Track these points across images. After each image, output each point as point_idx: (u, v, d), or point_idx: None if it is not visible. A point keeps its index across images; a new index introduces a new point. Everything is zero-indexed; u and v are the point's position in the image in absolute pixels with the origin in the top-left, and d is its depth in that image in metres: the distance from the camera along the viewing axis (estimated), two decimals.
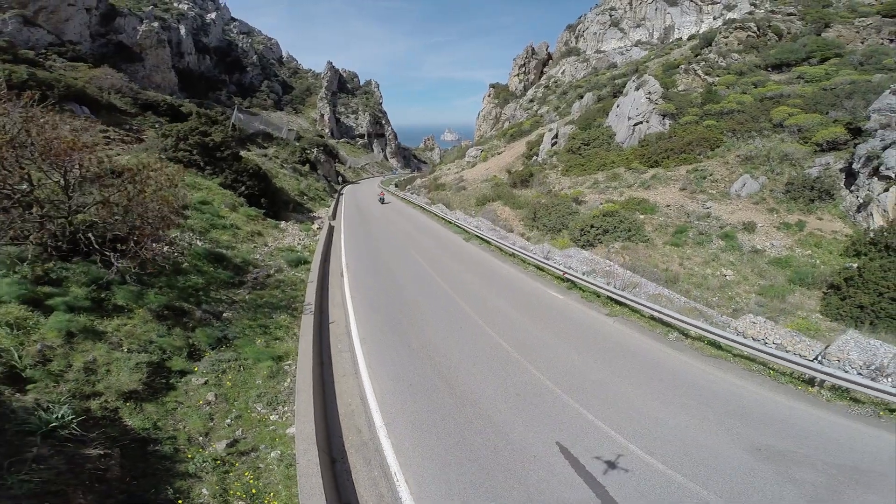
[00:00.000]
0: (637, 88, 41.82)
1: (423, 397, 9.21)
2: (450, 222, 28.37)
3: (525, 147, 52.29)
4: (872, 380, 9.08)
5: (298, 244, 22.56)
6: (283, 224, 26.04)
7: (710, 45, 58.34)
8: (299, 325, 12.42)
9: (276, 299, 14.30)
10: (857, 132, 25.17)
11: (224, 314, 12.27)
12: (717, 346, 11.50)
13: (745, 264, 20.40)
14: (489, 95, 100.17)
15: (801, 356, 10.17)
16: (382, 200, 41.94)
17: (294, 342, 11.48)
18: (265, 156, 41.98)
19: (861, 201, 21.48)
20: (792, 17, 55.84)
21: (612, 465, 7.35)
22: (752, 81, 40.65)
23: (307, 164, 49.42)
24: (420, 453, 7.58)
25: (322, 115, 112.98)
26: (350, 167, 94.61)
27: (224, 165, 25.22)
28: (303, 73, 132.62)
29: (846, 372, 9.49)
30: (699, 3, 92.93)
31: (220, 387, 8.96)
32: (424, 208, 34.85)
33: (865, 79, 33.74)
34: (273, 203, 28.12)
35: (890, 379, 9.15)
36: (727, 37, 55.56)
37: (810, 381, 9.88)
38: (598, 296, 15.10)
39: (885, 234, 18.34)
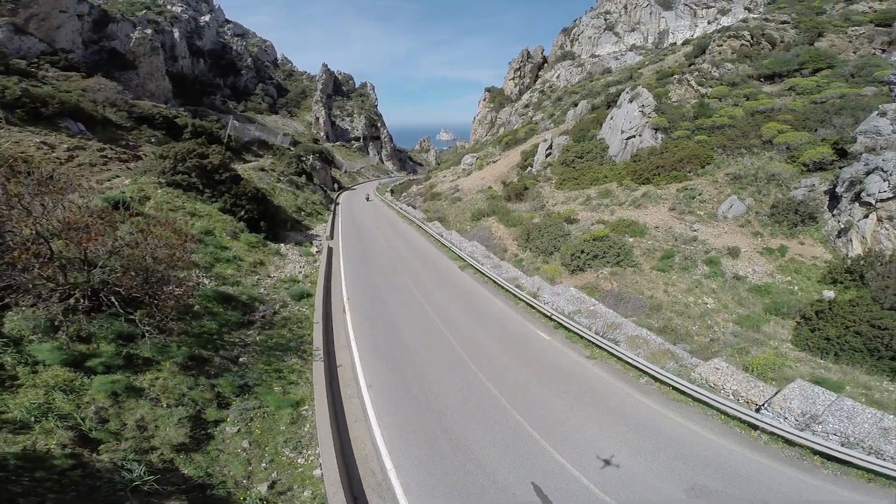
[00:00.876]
0: (631, 101, 42.28)
1: (424, 442, 10.82)
2: (446, 246, 28.80)
3: (520, 157, 52.77)
4: (801, 429, 10.69)
5: (300, 272, 23.31)
6: (283, 248, 26.56)
7: (704, 52, 58.93)
8: (310, 368, 13.88)
9: (284, 340, 15.66)
10: (843, 153, 25.85)
11: (240, 358, 13.64)
12: (680, 392, 12.74)
13: (727, 291, 21.11)
14: (484, 99, 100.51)
15: (748, 402, 11.97)
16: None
17: (307, 387, 12.92)
18: (262, 169, 42.21)
19: (842, 226, 22.13)
20: (786, 25, 56.26)
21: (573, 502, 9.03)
22: (744, 93, 41.23)
23: (303, 176, 49.66)
24: (424, 492, 9.30)
25: (317, 119, 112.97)
26: (346, 171, 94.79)
27: (223, 189, 25.62)
28: (298, 76, 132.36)
29: (785, 419, 11.31)
30: (693, 7, 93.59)
31: (251, 434, 10.59)
32: (421, 226, 35.30)
33: (856, 92, 34.41)
34: (272, 225, 28.63)
35: (821, 425, 10.72)
36: (721, 45, 56.01)
37: (754, 427, 11.33)
38: (581, 337, 16.04)
39: (861, 263, 19.05)
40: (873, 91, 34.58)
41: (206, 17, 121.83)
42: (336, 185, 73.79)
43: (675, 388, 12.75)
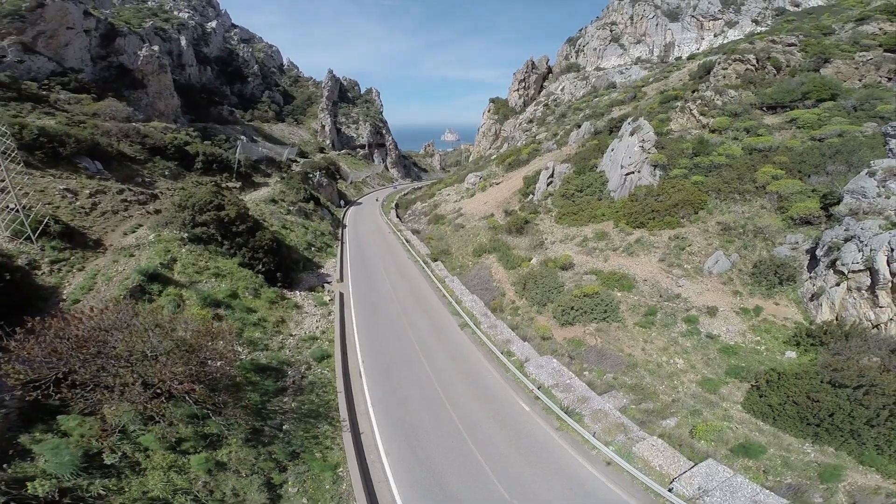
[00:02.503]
0: (632, 133, 43.09)
1: (428, 496, 14.98)
2: (448, 297, 30.74)
3: (522, 182, 53.78)
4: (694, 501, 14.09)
5: (317, 328, 25.89)
6: (299, 297, 29.01)
7: (709, 73, 59.30)
8: (340, 435, 17.53)
9: (314, 405, 19.06)
10: (831, 205, 26.76)
11: (284, 426, 17.10)
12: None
13: (698, 351, 22.88)
14: (489, 111, 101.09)
15: (666, 476, 15.55)
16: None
17: (340, 452, 16.71)
18: (273, 200, 43.75)
19: (816, 290, 23.37)
20: (792, 47, 55.89)
21: None
22: (745, 126, 41.79)
23: (311, 202, 51.05)
24: None
25: (323, 126, 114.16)
26: (351, 182, 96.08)
27: (240, 241, 27.17)
28: (304, 82, 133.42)
29: (685, 491, 14.57)
30: (700, 19, 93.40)
31: (307, 493, 14.52)
32: (425, 268, 36.86)
33: (855, 129, 35.08)
34: (287, 271, 30.52)
35: (709, 498, 14.14)
36: (726, 68, 56.15)
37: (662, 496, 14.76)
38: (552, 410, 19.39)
39: (823, 330, 20.78)
40: (873, 128, 35.25)
41: (213, 24, 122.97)
42: (342, 201, 75.13)
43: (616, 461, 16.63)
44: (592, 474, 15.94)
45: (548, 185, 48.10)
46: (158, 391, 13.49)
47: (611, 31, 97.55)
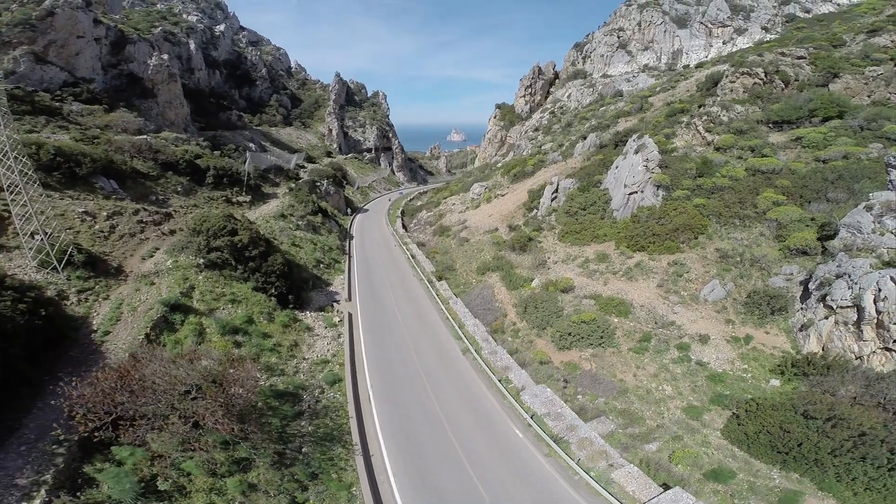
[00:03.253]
0: (636, 152, 43.75)
1: None
2: (451, 320, 32.16)
3: (527, 196, 54.73)
4: None
5: (328, 351, 27.55)
6: (309, 318, 30.65)
7: (716, 85, 59.54)
8: (353, 457, 19.37)
9: (329, 429, 21.17)
10: (828, 236, 27.50)
11: (303, 448, 19.05)
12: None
13: (687, 378, 24.12)
14: (495, 117, 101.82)
15: (637, 500, 17.13)
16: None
17: (353, 473, 18.56)
18: (282, 215, 45.12)
19: (805, 321, 24.40)
20: (802, 60, 55.70)
21: None
22: (750, 145, 42.25)
23: (319, 214, 52.38)
24: None
25: (330, 130, 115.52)
26: (357, 188, 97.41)
27: (253, 266, 28.62)
28: (311, 85, 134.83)
29: None
30: (709, 26, 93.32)
31: None
32: (429, 288, 38.22)
33: (860, 152, 35.56)
34: (298, 292, 32.18)
35: None
36: (733, 81, 56.16)
37: None
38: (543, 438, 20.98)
39: (807, 361, 21.99)
40: (878, 150, 35.64)
41: (221, 27, 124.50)
42: (349, 209, 76.43)
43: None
44: (574, 498, 17.67)
45: (552, 201, 49.01)
46: (195, 423, 15.37)
47: (618, 37, 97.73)
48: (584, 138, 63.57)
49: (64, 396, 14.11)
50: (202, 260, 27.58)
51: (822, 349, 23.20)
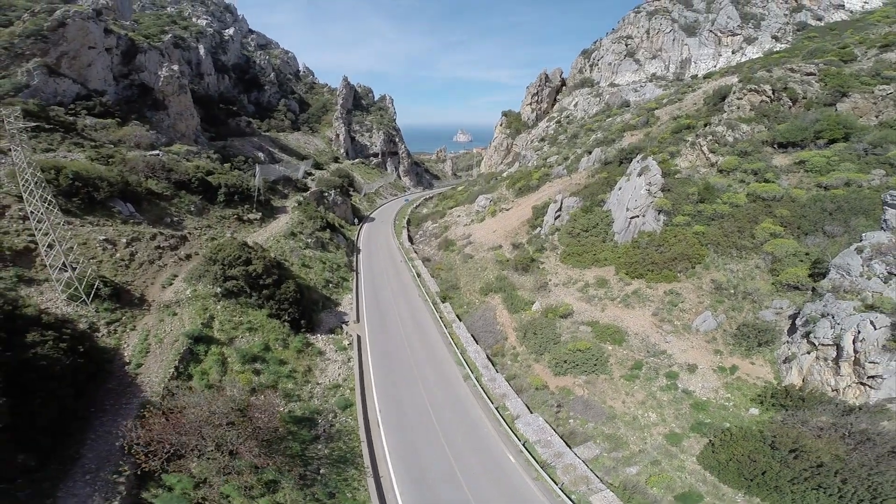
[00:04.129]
0: (640, 174, 44.96)
1: None
2: (454, 348, 34.04)
3: (531, 212, 56.23)
4: None
5: (339, 375, 29.83)
6: (321, 342, 32.97)
7: (724, 100, 60.28)
8: (365, 478, 21.50)
9: (343, 452, 23.17)
10: (819, 273, 28.76)
11: (321, 470, 21.46)
12: None
13: (672, 405, 25.93)
14: (501, 125, 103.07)
15: None
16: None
17: (365, 492, 20.86)
18: (292, 234, 47.09)
19: (789, 354, 25.99)
20: (811, 77, 55.50)
21: None
22: (753, 168, 42.89)
23: (327, 230, 54.29)
24: None
25: (337, 135, 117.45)
26: (364, 194, 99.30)
27: (267, 293, 30.61)
28: (319, 89, 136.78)
29: None
30: (719, 34, 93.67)
31: None
32: (434, 311, 40.26)
33: (861, 179, 36.10)
34: (309, 317, 34.32)
35: None
36: (741, 98, 56.54)
37: None
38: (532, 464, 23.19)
39: (785, 392, 23.95)
40: (880, 177, 36.22)
41: (231, 31, 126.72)
42: (356, 219, 78.32)
43: None
44: None
45: (555, 219, 50.45)
46: (231, 452, 17.74)
47: (626, 45, 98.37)
48: (590, 153, 64.79)
49: (123, 436, 16.71)
50: (219, 289, 29.57)
51: (803, 381, 24.79)
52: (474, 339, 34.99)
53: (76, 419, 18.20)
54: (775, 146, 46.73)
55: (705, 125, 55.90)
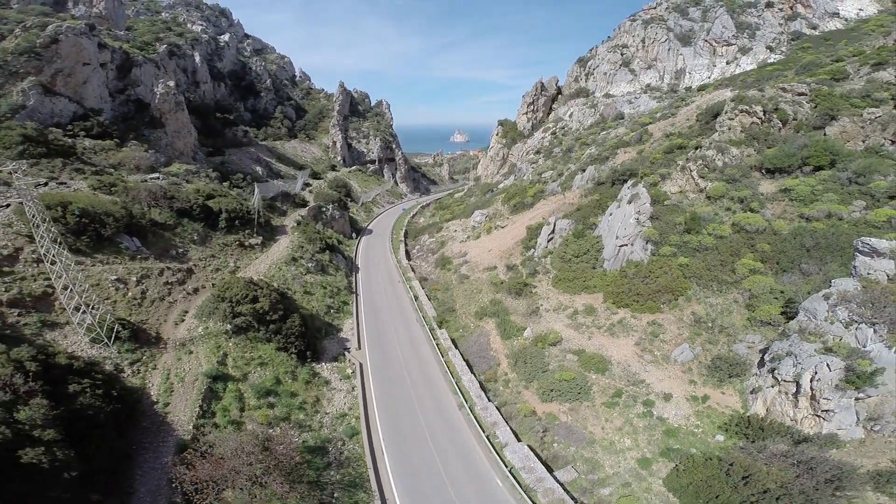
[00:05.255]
0: (630, 201, 47.57)
1: None
2: (449, 376, 37.00)
3: (525, 232, 59.05)
4: None
5: (345, 404, 33.06)
6: (326, 371, 36.05)
7: (716, 118, 62.76)
8: (373, 502, 24.85)
9: (352, 477, 26.27)
10: (791, 313, 31.59)
11: (335, 494, 24.84)
12: None
13: (646, 431, 29.14)
14: (497, 134, 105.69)
15: None
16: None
17: None
18: (293, 259, 49.70)
19: (756, 386, 29.07)
20: (802, 97, 57.46)
21: None
22: (740, 195, 44.70)
23: (326, 251, 56.96)
24: None
25: (334, 143, 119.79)
26: (362, 204, 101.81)
27: (274, 328, 33.42)
28: (315, 94, 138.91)
29: None
30: (714, 44, 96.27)
31: None
32: (432, 336, 43.12)
33: (843, 211, 37.82)
34: (314, 348, 37.42)
35: None
36: (732, 118, 58.62)
37: None
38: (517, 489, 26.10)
39: (747, 421, 27.38)
40: (860, 208, 37.93)
41: (226, 37, 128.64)
42: (353, 232, 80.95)
43: None
44: None
45: (548, 242, 53.28)
46: (260, 483, 20.82)
47: (621, 54, 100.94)
48: (583, 171, 67.57)
49: (174, 477, 19.81)
50: (229, 326, 32.36)
51: (766, 411, 28.02)
52: (469, 368, 37.89)
53: (122, 457, 21.07)
54: (763, 171, 48.73)
55: (696, 148, 58.36)
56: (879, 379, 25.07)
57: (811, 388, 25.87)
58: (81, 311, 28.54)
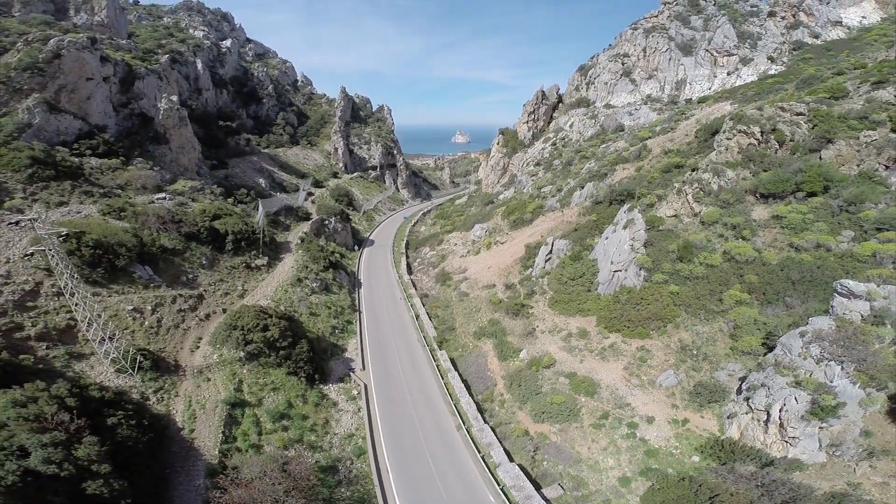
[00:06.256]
0: (625, 227, 50.14)
1: None
2: (448, 398, 40.05)
3: (524, 250, 61.92)
4: None
5: (352, 425, 36.29)
6: (333, 392, 39.28)
7: (714, 136, 64.98)
8: None
9: (361, 494, 29.53)
10: (770, 345, 34.39)
11: None
12: None
13: (629, 451, 32.18)
14: (497, 143, 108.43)
15: None
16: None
17: None
18: (298, 280, 52.81)
19: (732, 411, 32.01)
20: (800, 117, 58.56)
21: None
22: (733, 222, 46.33)
23: (330, 269, 59.99)
24: None
25: (336, 149, 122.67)
26: (364, 212, 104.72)
27: (284, 354, 36.57)
28: (317, 100, 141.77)
29: None
30: (715, 54, 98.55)
31: None
32: (431, 357, 46.04)
33: (831, 242, 39.58)
34: (322, 370, 40.73)
35: None
36: (730, 139, 60.09)
37: None
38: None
39: (721, 445, 30.47)
40: (849, 239, 39.55)
41: (228, 42, 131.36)
42: (356, 245, 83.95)
43: None
44: None
45: (546, 262, 56.19)
46: None
47: (622, 63, 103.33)
48: (582, 187, 70.30)
49: (213, 500, 22.71)
50: (242, 353, 35.47)
51: (740, 435, 31.10)
52: (467, 389, 40.96)
53: (160, 481, 24.25)
54: (757, 196, 50.22)
55: (693, 170, 60.47)
56: (842, 411, 27.97)
57: (780, 418, 28.80)
58: (104, 342, 31.62)
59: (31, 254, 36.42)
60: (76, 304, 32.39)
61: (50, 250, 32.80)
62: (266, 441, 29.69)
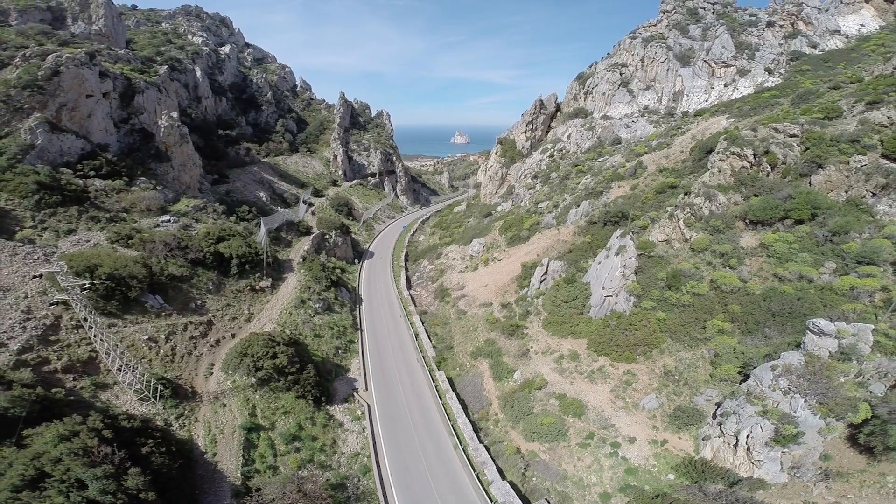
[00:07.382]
0: (617, 253, 53.53)
1: None
2: (447, 418, 43.89)
3: (520, 269, 65.56)
4: None
5: (357, 444, 40.06)
6: (338, 413, 43.14)
7: (708, 154, 68.10)
8: None
9: None
10: (746, 374, 38.08)
11: None
12: None
13: (611, 469, 36.03)
14: (496, 153, 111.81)
15: None
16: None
17: None
18: (302, 301, 56.48)
19: (707, 434, 35.88)
20: (794, 139, 61.14)
21: None
22: (721, 250, 49.36)
23: (332, 288, 63.66)
24: None
25: (335, 157, 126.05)
26: (363, 223, 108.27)
27: (292, 379, 40.39)
28: (316, 105, 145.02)
29: None
30: (713, 65, 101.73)
31: None
32: (430, 378, 49.73)
33: (813, 273, 42.44)
34: (327, 391, 44.54)
35: None
36: (723, 160, 62.76)
37: None
38: None
39: (694, 465, 34.30)
40: (830, 271, 42.32)
41: (227, 48, 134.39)
42: (356, 257, 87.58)
43: None
44: None
45: (541, 283, 59.87)
46: None
47: (620, 73, 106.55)
48: (578, 205, 73.86)
49: None
50: (254, 379, 39.22)
51: (713, 456, 34.99)
52: (464, 409, 44.82)
53: (192, 502, 28.10)
54: (747, 222, 53.23)
55: (686, 193, 63.34)
56: (802, 439, 31.81)
57: (747, 443, 32.63)
58: (125, 371, 35.20)
59: (46, 291, 39.24)
60: (95, 336, 35.77)
61: (75, 300, 35.71)
62: (281, 462, 33.58)
